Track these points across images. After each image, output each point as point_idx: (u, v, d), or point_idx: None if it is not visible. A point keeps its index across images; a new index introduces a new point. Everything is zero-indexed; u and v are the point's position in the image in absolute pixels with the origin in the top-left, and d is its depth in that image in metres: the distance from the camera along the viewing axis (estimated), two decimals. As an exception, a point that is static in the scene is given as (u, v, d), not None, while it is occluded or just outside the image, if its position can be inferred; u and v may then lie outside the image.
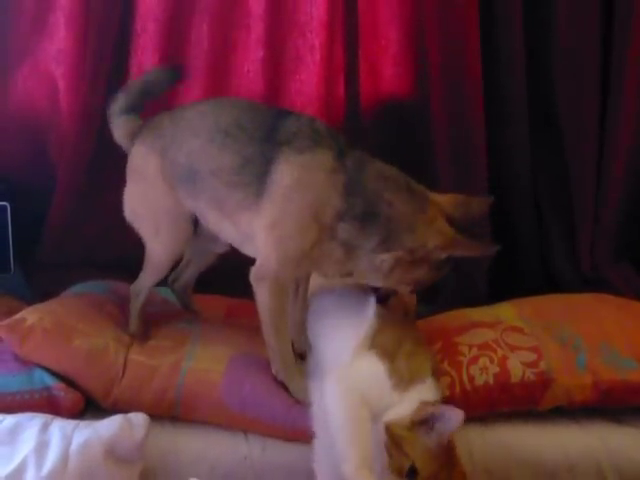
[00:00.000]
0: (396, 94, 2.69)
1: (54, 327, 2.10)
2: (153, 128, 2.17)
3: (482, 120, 2.60)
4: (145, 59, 2.57)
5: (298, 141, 1.96)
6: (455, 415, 1.72)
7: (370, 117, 2.68)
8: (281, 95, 2.63)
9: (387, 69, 2.67)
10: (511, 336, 2.17)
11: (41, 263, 2.66)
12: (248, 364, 2.12)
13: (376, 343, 1.94)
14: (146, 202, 2.18)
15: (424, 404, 1.82)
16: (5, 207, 2.47)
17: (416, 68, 2.66)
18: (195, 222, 2.20)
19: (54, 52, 2.56)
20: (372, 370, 1.87)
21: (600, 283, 2.66)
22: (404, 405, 1.81)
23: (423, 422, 1.74)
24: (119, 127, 2.23)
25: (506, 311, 2.34)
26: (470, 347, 2.14)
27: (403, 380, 1.86)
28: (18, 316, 2.14)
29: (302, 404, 1.98)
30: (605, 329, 2.22)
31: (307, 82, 2.61)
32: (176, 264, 2.36)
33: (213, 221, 2.12)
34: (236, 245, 2.15)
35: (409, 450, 1.71)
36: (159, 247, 2.19)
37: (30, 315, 2.13)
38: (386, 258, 1.92)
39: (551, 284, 2.71)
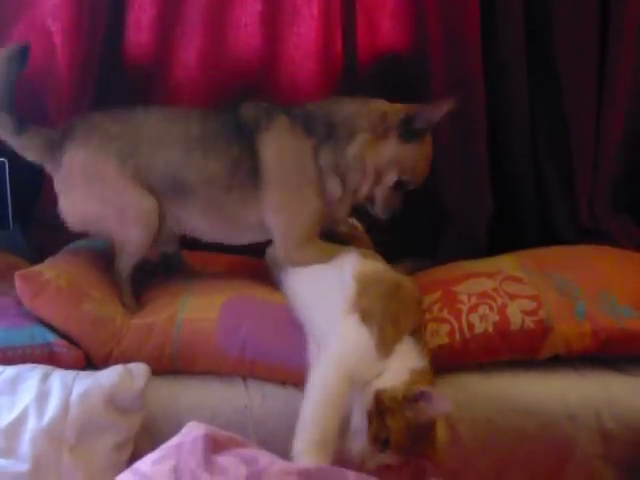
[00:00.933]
0: (394, 47, 2.67)
1: (68, 287, 2.09)
2: (94, 131, 2.18)
3: (481, 73, 2.59)
4: (142, 13, 2.55)
5: (261, 122, 2.15)
6: (443, 404, 1.72)
7: (368, 70, 2.66)
8: (279, 49, 2.60)
9: (385, 22, 2.64)
10: (510, 285, 2.17)
11: (39, 220, 2.64)
12: (243, 306, 2.13)
13: (359, 305, 1.91)
14: (106, 203, 2.19)
15: (415, 373, 1.81)
16: (3, 163, 2.46)
17: (414, 21, 2.63)
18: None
19: (50, 7, 2.51)
20: (360, 341, 1.84)
21: (599, 235, 2.66)
22: (393, 373, 1.79)
23: (411, 398, 1.73)
24: (27, 146, 2.22)
25: (505, 262, 2.34)
26: (469, 296, 2.14)
27: (387, 345, 1.83)
28: (35, 268, 2.14)
29: None
30: (603, 278, 2.22)
31: (305, 36, 2.58)
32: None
33: (203, 227, 2.24)
34: (221, 240, 2.30)
35: (391, 423, 1.72)
36: (133, 236, 2.20)
37: (47, 270, 2.13)
38: (352, 144, 2.11)
39: (550, 237, 2.71)
